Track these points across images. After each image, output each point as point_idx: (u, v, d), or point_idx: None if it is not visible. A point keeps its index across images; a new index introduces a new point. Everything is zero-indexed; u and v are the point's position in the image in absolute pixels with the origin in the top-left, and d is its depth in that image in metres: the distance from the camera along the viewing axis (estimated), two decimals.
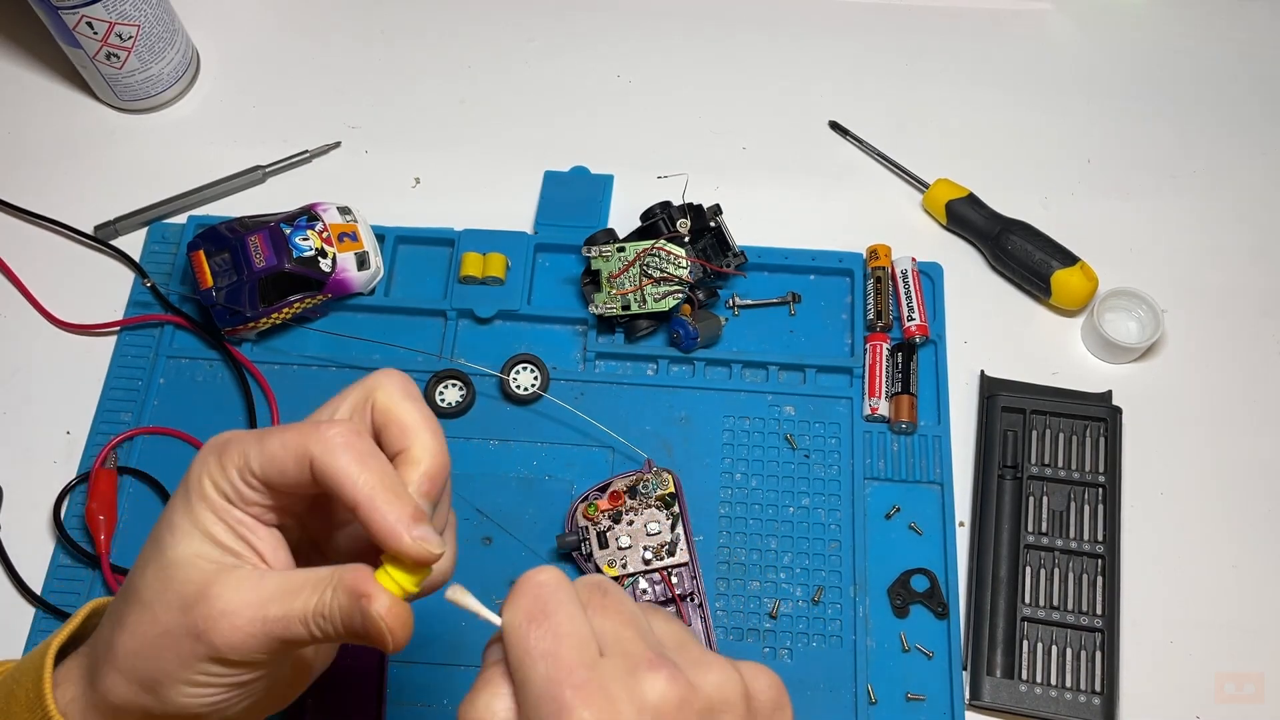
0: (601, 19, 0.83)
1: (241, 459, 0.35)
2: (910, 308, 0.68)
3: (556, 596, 0.32)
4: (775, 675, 0.34)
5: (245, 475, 0.35)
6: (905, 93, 0.80)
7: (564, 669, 0.30)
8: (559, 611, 0.31)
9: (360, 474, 0.34)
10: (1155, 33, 0.82)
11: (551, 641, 0.31)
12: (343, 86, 0.80)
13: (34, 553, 0.63)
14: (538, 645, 0.31)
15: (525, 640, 0.31)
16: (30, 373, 0.69)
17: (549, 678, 0.30)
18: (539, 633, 0.31)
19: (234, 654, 0.34)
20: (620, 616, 0.33)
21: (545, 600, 0.32)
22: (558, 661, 0.30)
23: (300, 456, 0.34)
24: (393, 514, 0.34)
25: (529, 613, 0.31)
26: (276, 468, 0.35)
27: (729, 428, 0.66)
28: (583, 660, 0.30)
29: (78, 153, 0.77)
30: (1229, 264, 0.72)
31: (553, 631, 0.31)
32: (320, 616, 0.34)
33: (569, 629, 0.31)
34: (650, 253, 0.65)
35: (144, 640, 0.35)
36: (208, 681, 0.35)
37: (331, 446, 0.34)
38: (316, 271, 0.66)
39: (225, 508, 0.36)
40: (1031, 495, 0.63)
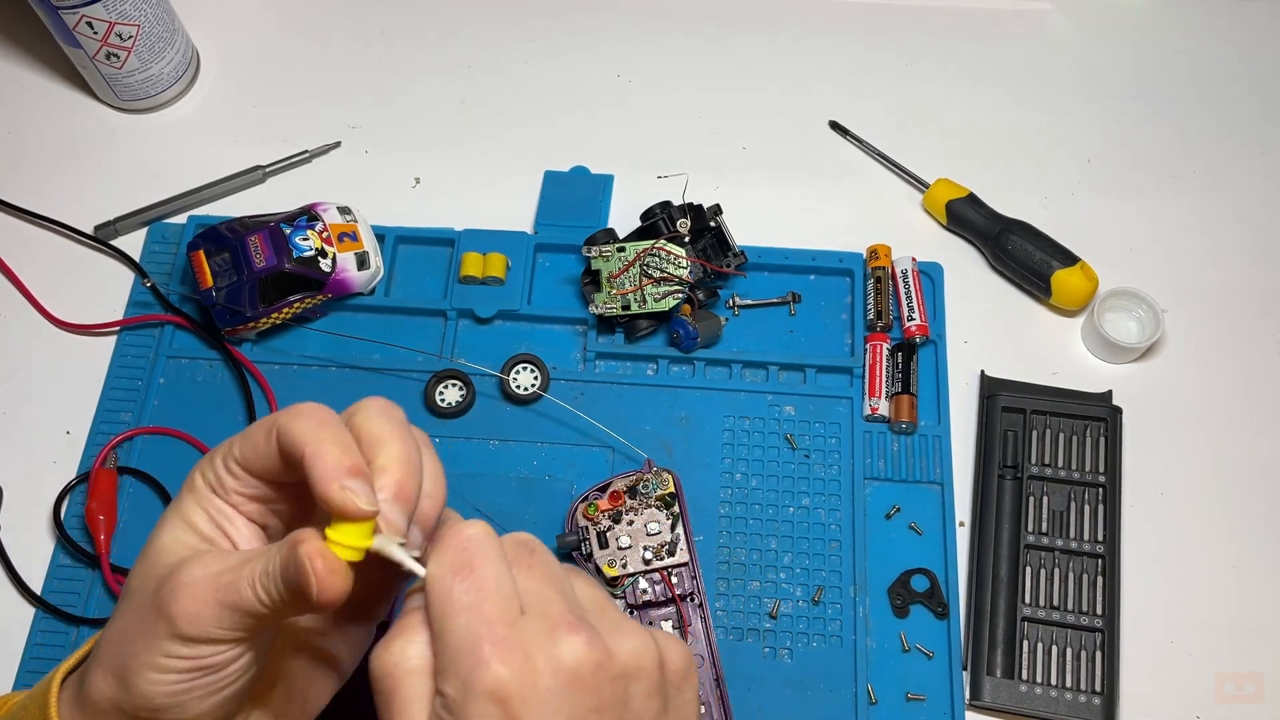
0: (601, 19, 0.83)
1: (227, 448, 0.36)
2: (910, 308, 0.68)
3: (484, 551, 0.32)
4: (685, 646, 0.35)
5: (227, 462, 0.36)
6: (905, 93, 0.80)
7: (484, 623, 0.30)
8: (485, 566, 0.32)
9: (313, 431, 0.34)
10: (1155, 33, 0.82)
11: (475, 595, 0.31)
12: (343, 86, 0.80)
13: (34, 553, 0.63)
14: (461, 598, 0.31)
15: (448, 591, 0.31)
16: (30, 373, 0.69)
17: (469, 630, 0.30)
18: (463, 585, 0.31)
19: (189, 626, 0.33)
20: (545, 577, 0.33)
21: (472, 554, 0.32)
22: (479, 615, 0.30)
23: (269, 428, 0.35)
24: (330, 461, 0.33)
25: (454, 564, 0.32)
26: (251, 445, 0.35)
27: (729, 428, 0.66)
28: (504, 616, 0.31)
29: (78, 153, 0.77)
30: (1229, 264, 0.72)
31: (477, 585, 0.31)
32: (265, 575, 0.33)
33: (493, 584, 0.31)
34: (650, 253, 0.65)
35: (122, 625, 0.35)
36: (169, 665, 0.34)
37: (295, 414, 0.34)
38: (316, 271, 0.66)
39: (207, 496, 0.36)
40: (1031, 495, 0.63)
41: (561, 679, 0.30)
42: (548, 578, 0.33)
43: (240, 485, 0.36)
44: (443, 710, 0.30)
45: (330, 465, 0.33)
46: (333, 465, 0.33)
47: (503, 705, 0.29)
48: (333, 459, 0.33)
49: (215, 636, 0.34)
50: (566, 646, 0.31)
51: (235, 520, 0.36)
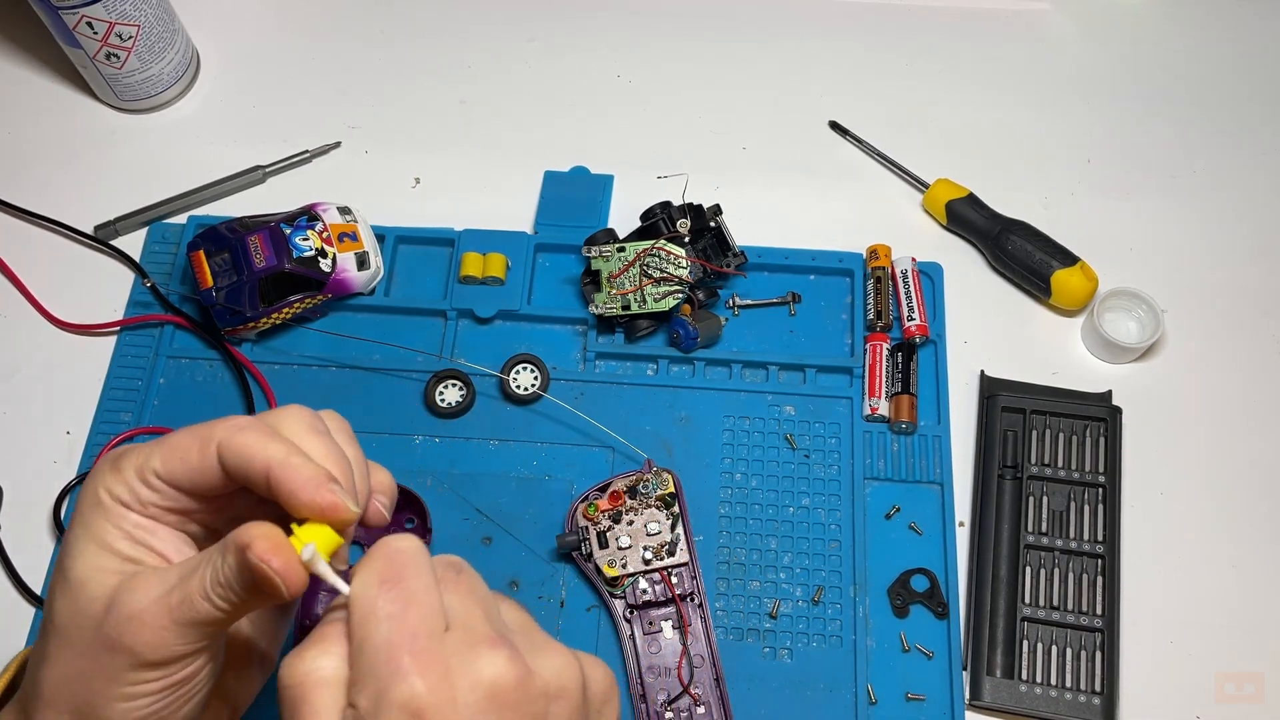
0: (601, 19, 0.83)
1: (140, 460, 0.35)
2: (910, 308, 0.68)
3: (413, 564, 0.32)
4: (609, 669, 0.34)
5: (144, 475, 0.35)
6: (905, 93, 0.80)
7: (406, 634, 0.30)
8: (412, 579, 0.31)
9: (268, 444, 0.33)
10: (1155, 33, 0.82)
11: (400, 605, 0.30)
12: (343, 86, 0.80)
13: (34, 553, 0.63)
14: (385, 608, 0.30)
15: (373, 601, 0.31)
16: (30, 373, 0.69)
17: (389, 640, 0.30)
18: (389, 596, 0.31)
19: (154, 654, 0.33)
20: (471, 596, 0.33)
21: (401, 566, 0.31)
22: (401, 626, 0.30)
23: (205, 442, 0.34)
24: (306, 471, 0.33)
25: (382, 575, 0.31)
26: (179, 459, 0.34)
27: (729, 428, 0.66)
28: (427, 629, 0.30)
29: (78, 153, 0.77)
30: (1229, 264, 0.72)
31: (402, 596, 0.31)
32: (217, 585, 0.33)
33: (419, 597, 0.31)
34: (650, 253, 0.65)
35: (66, 668, 0.34)
36: (139, 691, 0.34)
37: (237, 427, 0.34)
38: (316, 271, 0.66)
39: (121, 513, 0.35)
40: (1031, 495, 0.63)
41: (480, 695, 0.30)
42: (474, 596, 0.33)
43: (161, 499, 0.35)
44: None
45: (308, 475, 0.33)
46: (310, 475, 0.33)
47: (417, 718, 0.29)
48: (308, 469, 0.33)
49: (181, 653, 0.34)
50: (487, 661, 0.30)
51: (158, 532, 0.35)
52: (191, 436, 0.35)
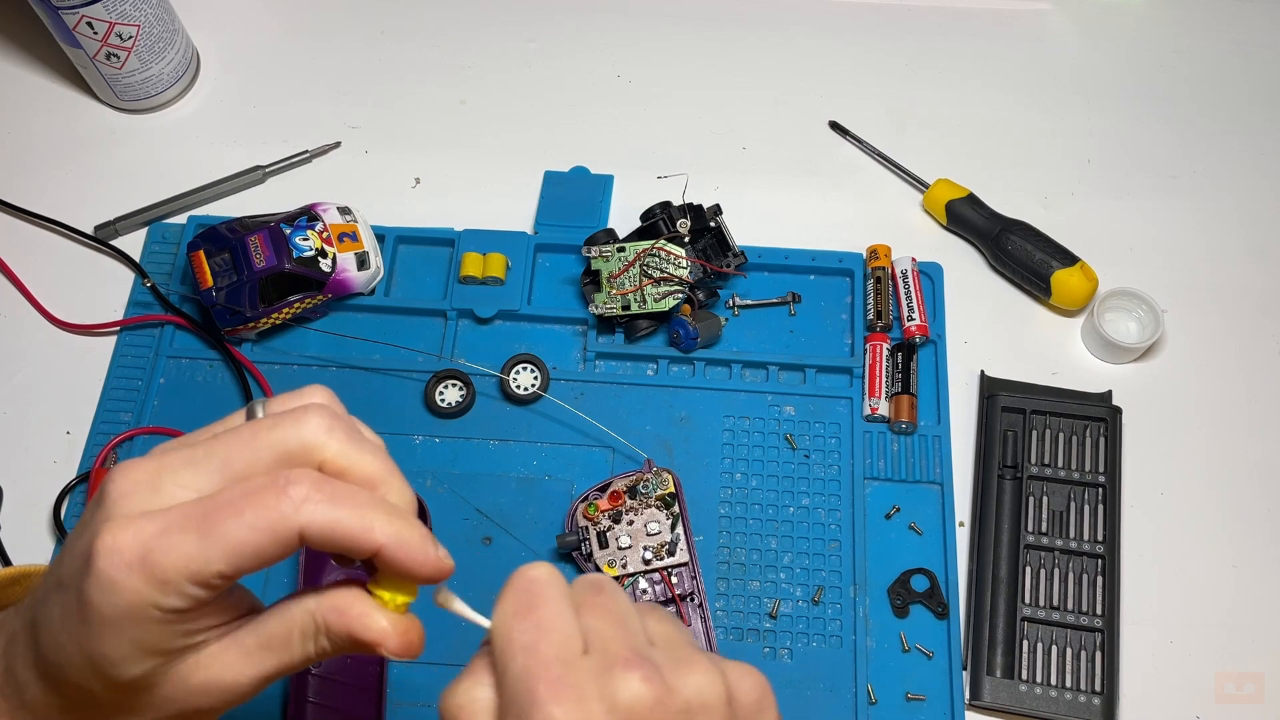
0: (601, 19, 0.83)
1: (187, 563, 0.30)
2: (910, 308, 0.68)
3: (546, 592, 0.32)
4: (761, 676, 0.33)
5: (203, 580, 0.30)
6: (905, 93, 0.80)
7: (541, 663, 0.30)
8: (545, 606, 0.31)
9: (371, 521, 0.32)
10: (1155, 33, 0.82)
11: (533, 635, 0.31)
12: (343, 86, 0.80)
13: (34, 553, 0.63)
14: (520, 638, 0.31)
15: (509, 633, 0.31)
16: (30, 373, 0.69)
17: (526, 670, 0.30)
18: (523, 626, 0.31)
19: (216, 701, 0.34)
20: (611, 615, 0.32)
21: (534, 595, 0.32)
22: (535, 655, 0.30)
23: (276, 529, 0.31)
24: (420, 548, 0.33)
25: (517, 606, 0.31)
26: (250, 554, 0.30)
27: (729, 428, 0.66)
28: (560, 656, 0.30)
29: (78, 153, 0.77)
30: (1229, 264, 0.72)
31: (536, 625, 0.31)
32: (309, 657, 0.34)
33: (552, 624, 0.31)
34: (650, 253, 0.65)
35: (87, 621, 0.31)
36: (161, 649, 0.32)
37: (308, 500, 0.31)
38: (316, 271, 0.66)
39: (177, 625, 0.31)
40: (1031, 495, 0.63)
41: (617, 717, 0.29)
42: (614, 616, 0.32)
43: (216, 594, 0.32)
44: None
45: (421, 551, 0.33)
46: (423, 549, 0.33)
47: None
48: (420, 543, 0.33)
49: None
50: (622, 683, 0.30)
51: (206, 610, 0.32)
52: (252, 525, 0.30)
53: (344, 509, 0.32)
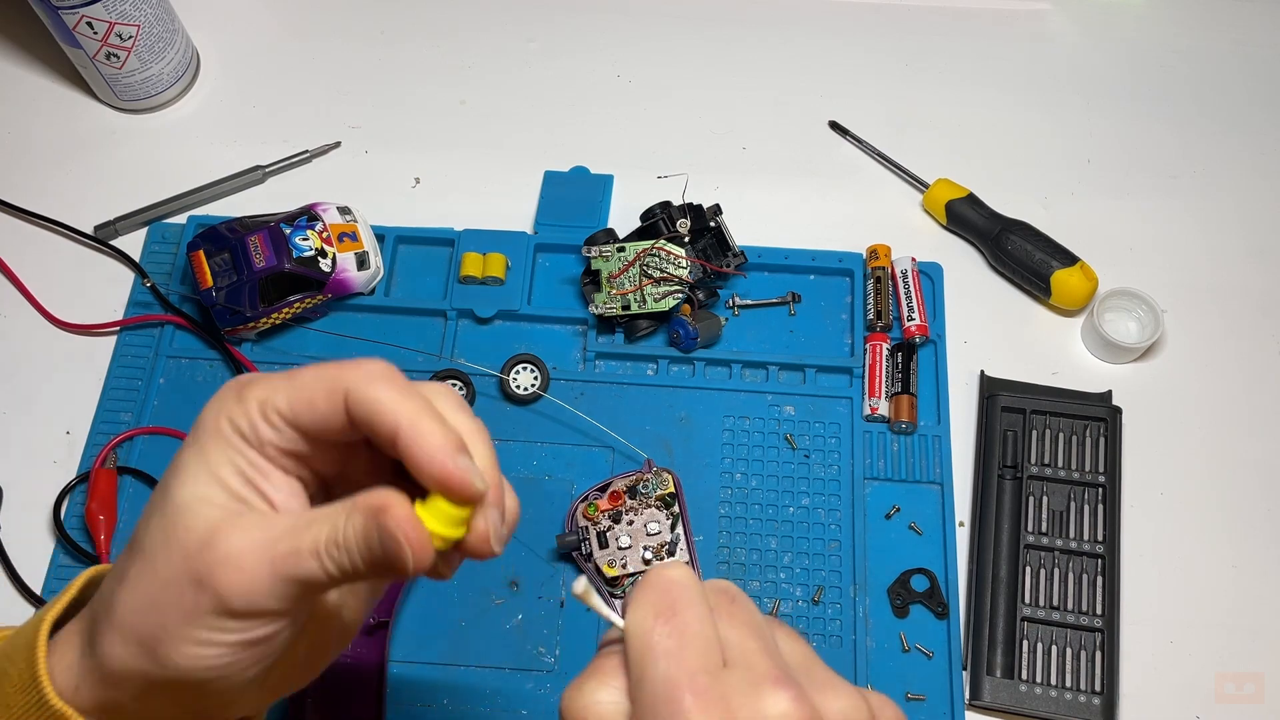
0: (601, 19, 0.83)
1: (266, 394, 0.33)
2: (910, 308, 0.68)
3: (687, 596, 0.30)
4: (899, 709, 0.32)
5: (267, 412, 0.33)
6: (905, 93, 0.80)
7: (686, 671, 0.28)
8: (688, 611, 0.30)
9: (402, 401, 0.32)
10: (1155, 33, 0.82)
11: (677, 640, 0.29)
12: (343, 86, 0.80)
13: (34, 553, 0.63)
14: (662, 642, 0.29)
15: (648, 636, 0.29)
16: (30, 373, 0.69)
17: (669, 678, 0.28)
18: (665, 630, 0.29)
19: (241, 601, 0.31)
20: (748, 627, 0.31)
21: (675, 598, 0.30)
22: (680, 663, 0.29)
23: (334, 389, 0.32)
24: (437, 438, 0.31)
25: (657, 608, 0.30)
26: (306, 401, 0.32)
27: (729, 428, 0.66)
28: (706, 665, 0.29)
29: (78, 153, 0.77)
30: (1229, 264, 0.72)
31: (679, 630, 0.29)
32: (334, 545, 0.31)
33: (696, 630, 0.29)
34: (650, 253, 0.65)
35: (145, 594, 0.32)
36: (212, 639, 0.32)
37: (371, 377, 0.32)
38: (316, 271, 0.66)
39: (240, 447, 0.33)
40: (1031, 495, 0.63)
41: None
42: (751, 628, 0.31)
43: (280, 439, 0.33)
44: None
45: (439, 442, 0.31)
46: (441, 442, 0.31)
47: None
48: (439, 437, 0.31)
49: (269, 609, 0.32)
50: (771, 702, 0.28)
51: (271, 476, 0.33)
52: (320, 379, 0.33)
53: (388, 386, 0.32)
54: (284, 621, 0.33)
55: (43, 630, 0.34)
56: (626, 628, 0.30)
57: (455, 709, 0.58)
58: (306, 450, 0.34)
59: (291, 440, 0.33)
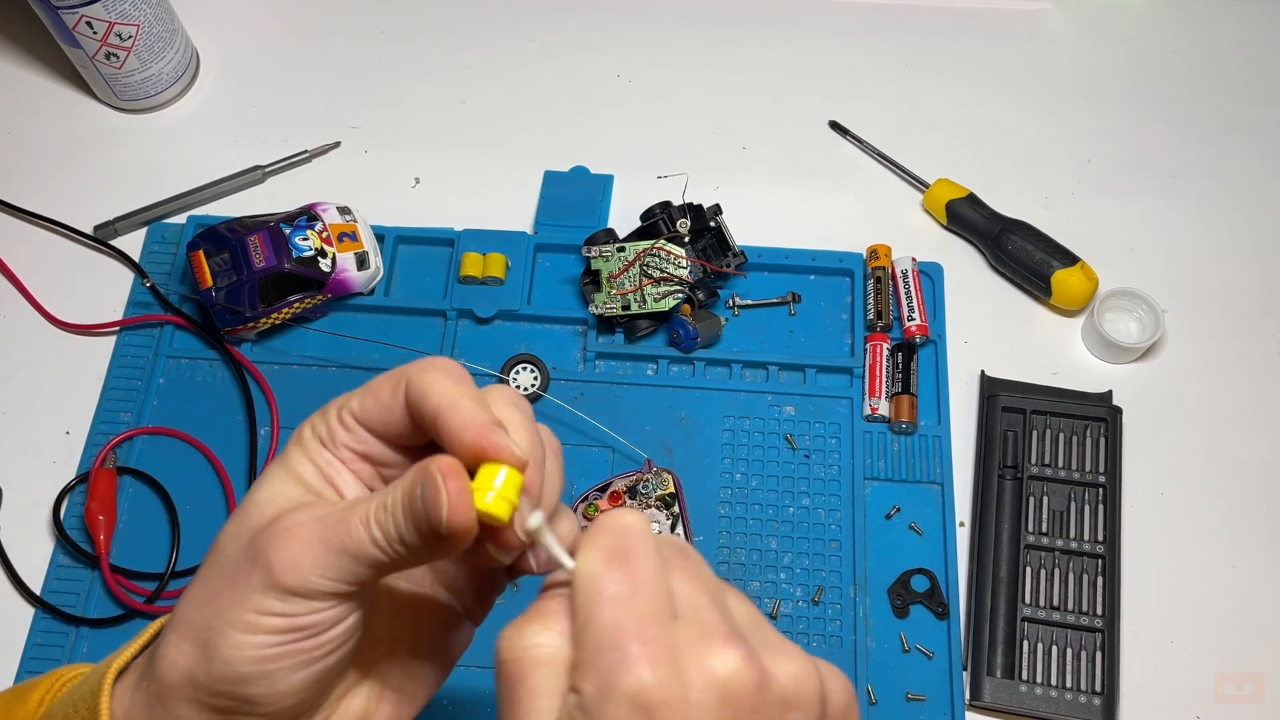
0: (601, 19, 0.83)
1: (344, 400, 0.34)
2: (910, 308, 0.68)
3: (641, 543, 0.29)
4: (848, 681, 0.31)
5: (342, 414, 0.33)
6: (905, 93, 0.80)
7: (634, 619, 0.27)
8: (641, 559, 0.29)
9: (448, 386, 0.31)
10: (1155, 33, 0.82)
11: (627, 587, 0.28)
12: (343, 86, 0.80)
13: (33, 553, 0.63)
14: (611, 588, 0.28)
15: (599, 580, 0.28)
16: (30, 373, 0.69)
17: (616, 624, 0.27)
18: (615, 575, 0.28)
19: (290, 573, 0.30)
20: (699, 583, 0.30)
21: (629, 544, 0.29)
22: (630, 609, 0.27)
23: (397, 380, 0.32)
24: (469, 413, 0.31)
25: (609, 552, 0.29)
26: (374, 396, 0.33)
27: (729, 428, 0.66)
28: (656, 615, 0.28)
29: (77, 153, 0.77)
30: (1229, 264, 0.72)
31: (630, 577, 0.28)
32: (381, 509, 0.30)
33: (648, 578, 0.28)
34: (650, 253, 0.65)
35: (205, 585, 0.32)
36: (260, 623, 0.30)
37: (428, 366, 0.32)
38: (316, 271, 0.66)
39: (316, 448, 0.33)
40: (1032, 495, 0.63)
41: (712, 694, 0.27)
42: (702, 583, 0.30)
43: (353, 440, 0.33)
44: (576, 710, 0.27)
45: (469, 416, 0.31)
46: (471, 416, 0.31)
47: (645, 714, 0.26)
48: (471, 411, 0.31)
49: (316, 588, 0.30)
50: (721, 659, 0.27)
51: (344, 474, 0.33)
52: (388, 375, 0.33)
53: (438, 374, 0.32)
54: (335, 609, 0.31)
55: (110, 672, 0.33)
56: (576, 570, 0.29)
57: (455, 710, 0.58)
58: (382, 455, 0.34)
59: (363, 441, 0.33)
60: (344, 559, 0.30)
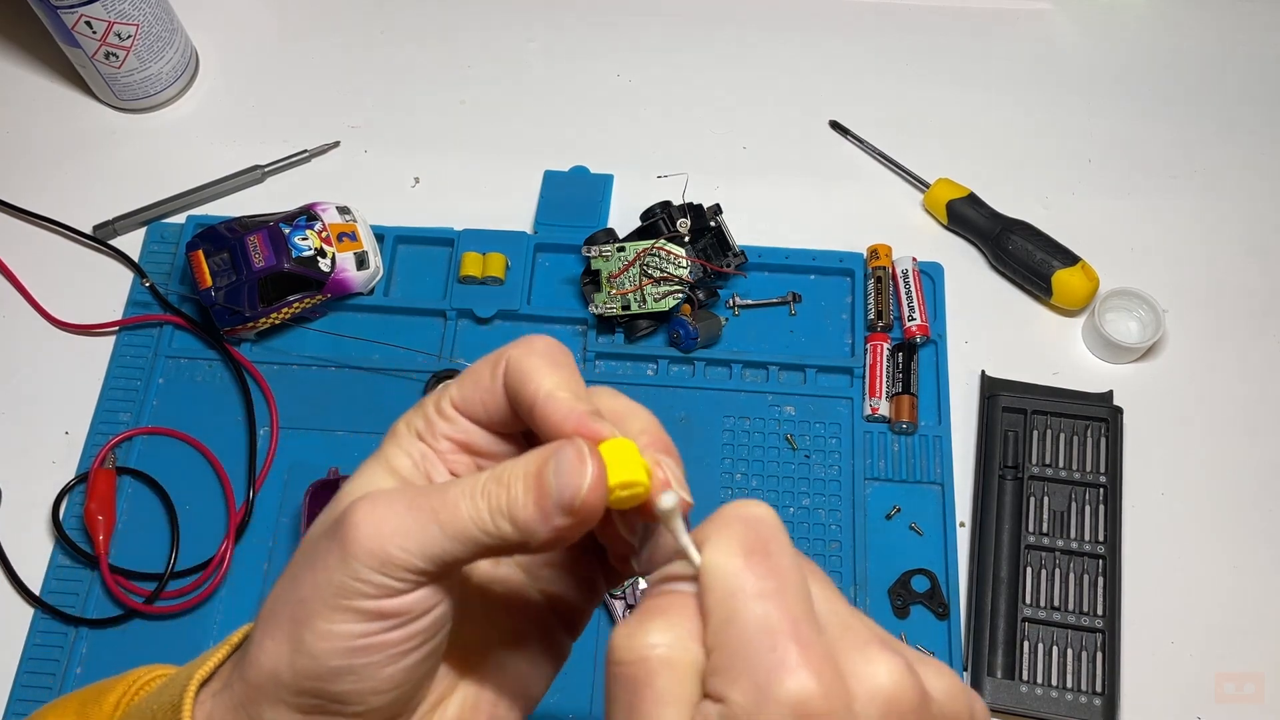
0: (601, 19, 0.83)
1: (443, 390, 0.32)
2: (911, 307, 0.68)
3: (778, 537, 0.26)
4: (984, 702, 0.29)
5: (441, 404, 0.31)
6: (905, 93, 0.80)
7: (788, 618, 0.24)
8: (782, 553, 0.26)
9: (547, 371, 0.29)
10: (1155, 33, 0.82)
11: (775, 582, 0.25)
12: (343, 86, 0.80)
13: (33, 553, 0.63)
14: (756, 584, 0.25)
15: (738, 575, 0.25)
16: (29, 373, 0.69)
17: (768, 625, 0.24)
18: (760, 570, 0.25)
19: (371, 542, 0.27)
20: (831, 589, 0.27)
21: (766, 538, 0.26)
22: (782, 607, 0.25)
23: (497, 362, 0.30)
24: (567, 405, 0.29)
25: (747, 545, 0.26)
26: (473, 382, 0.31)
27: (729, 428, 0.66)
28: (808, 617, 0.25)
29: (77, 153, 0.77)
30: (1230, 264, 0.72)
31: (776, 572, 0.25)
32: (495, 481, 0.28)
33: (794, 576, 0.26)
34: (650, 253, 0.65)
35: (291, 575, 0.29)
36: (343, 605, 0.28)
37: (530, 350, 0.30)
38: (316, 271, 0.66)
39: (412, 440, 0.31)
40: (1032, 495, 0.63)
41: (877, 707, 0.24)
42: (833, 590, 0.27)
43: (453, 429, 0.31)
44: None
45: (568, 408, 0.28)
46: (570, 408, 0.28)
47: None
48: (569, 403, 0.29)
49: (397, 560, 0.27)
50: (884, 669, 0.25)
51: (439, 468, 0.31)
52: (487, 358, 0.31)
53: (541, 360, 0.30)
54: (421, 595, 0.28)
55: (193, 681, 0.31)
56: (708, 564, 0.26)
57: None
58: (481, 443, 0.32)
59: (465, 430, 0.31)
60: (432, 530, 0.28)
